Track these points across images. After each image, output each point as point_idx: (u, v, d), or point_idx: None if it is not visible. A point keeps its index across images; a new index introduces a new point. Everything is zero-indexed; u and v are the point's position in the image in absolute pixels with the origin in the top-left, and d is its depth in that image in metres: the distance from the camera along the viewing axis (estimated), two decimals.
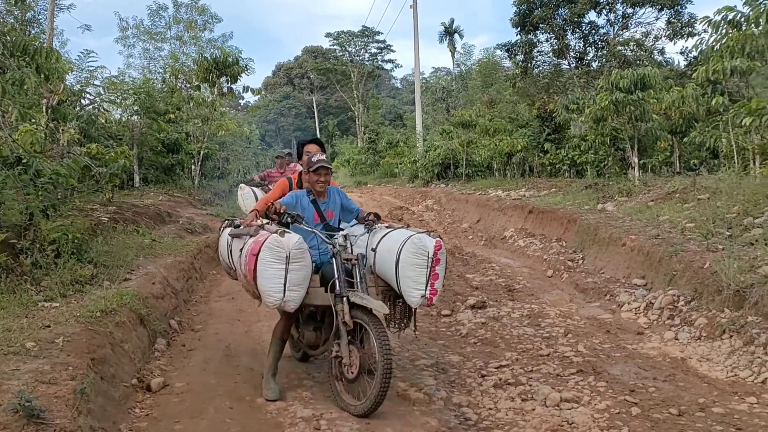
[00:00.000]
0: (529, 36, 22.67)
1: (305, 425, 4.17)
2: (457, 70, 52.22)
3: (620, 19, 22.62)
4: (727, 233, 7.84)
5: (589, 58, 23.29)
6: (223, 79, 17.20)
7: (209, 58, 16.80)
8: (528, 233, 13.21)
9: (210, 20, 24.24)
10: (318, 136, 62.72)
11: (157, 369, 5.30)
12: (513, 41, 23.37)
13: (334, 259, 4.57)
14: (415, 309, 4.93)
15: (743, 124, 9.52)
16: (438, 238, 4.67)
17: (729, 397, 4.58)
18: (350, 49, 56.21)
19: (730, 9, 9.14)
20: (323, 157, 5.03)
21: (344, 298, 4.40)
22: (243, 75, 17.38)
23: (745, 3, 8.92)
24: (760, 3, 8.45)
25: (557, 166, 19.78)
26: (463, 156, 23.92)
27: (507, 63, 29.94)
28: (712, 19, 9.42)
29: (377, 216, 5.21)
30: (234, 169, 22.40)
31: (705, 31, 10.62)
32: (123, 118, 16.93)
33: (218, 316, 7.55)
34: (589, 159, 17.82)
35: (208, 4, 38.35)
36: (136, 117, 16.40)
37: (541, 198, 15.86)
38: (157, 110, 16.92)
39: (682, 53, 23.58)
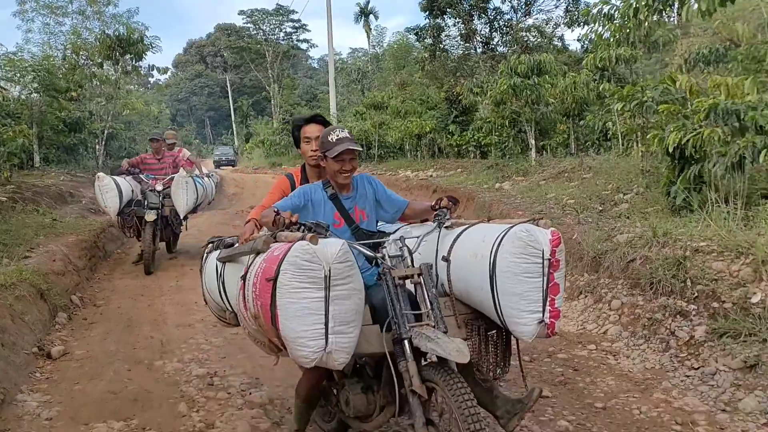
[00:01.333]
0: (438, 20, 23.33)
1: (199, 381, 4.55)
2: (372, 52, 52.64)
3: (523, 6, 23.63)
4: (600, 208, 8.67)
5: (494, 42, 24.24)
6: (128, 56, 16.84)
7: (112, 35, 16.39)
8: None
9: None
10: (232, 115, 61.91)
11: (58, 340, 5.50)
12: (422, 25, 24.02)
13: (383, 282, 2.91)
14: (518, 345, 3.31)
15: (616, 109, 10.38)
16: (552, 228, 3.02)
17: (574, 346, 5.29)
18: (264, 27, 55.55)
19: (606, 2, 9.95)
20: (347, 133, 3.35)
21: (408, 345, 2.77)
22: (149, 53, 17.08)
23: None
24: None
25: (464, 147, 20.59)
26: (375, 137, 24.42)
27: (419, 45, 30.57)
28: (591, 12, 10.21)
29: (454, 201, 3.44)
30: (141, 149, 21.89)
31: (590, 22, 11.41)
32: (22, 96, 16.32)
33: (121, 292, 7.70)
34: (493, 141, 18.68)
35: None
36: (35, 95, 15.85)
37: (447, 178, 16.58)
38: (57, 88, 16.38)
39: (579, 41, 24.91)
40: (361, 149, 3.45)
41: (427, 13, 23.19)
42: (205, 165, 36.66)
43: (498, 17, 23.78)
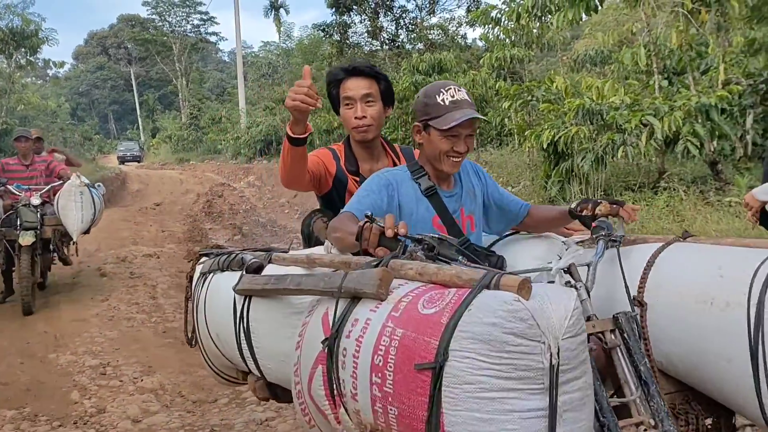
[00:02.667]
0: (344, 17, 23.65)
1: (92, 372, 4.71)
2: (283, 46, 52.36)
3: (427, 5, 24.30)
4: None
5: (401, 40, 24.78)
6: (22, 50, 16.23)
7: (4, 28, 15.75)
8: None
9: None
10: (138, 110, 59.97)
11: None
12: (329, 21, 24.26)
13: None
14: None
15: (503, 106, 11.08)
16: None
17: None
18: (170, 19, 53.95)
19: (493, 7, 10.64)
20: (465, 93, 2.16)
21: None
22: (44, 46, 16.51)
23: (503, 2, 10.43)
24: (514, 3, 9.97)
25: None
26: (285, 132, 24.50)
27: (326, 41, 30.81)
28: (479, 16, 10.86)
29: (619, 204, 2.18)
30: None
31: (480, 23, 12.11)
32: None
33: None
34: (399, 136, 19.24)
35: None
36: None
37: None
38: None
39: (480, 39, 25.90)
40: (484, 118, 2.35)
41: (333, 9, 23.46)
42: (108, 161, 35.36)
43: (404, 15, 24.34)
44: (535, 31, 12.68)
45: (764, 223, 3.17)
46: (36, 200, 6.62)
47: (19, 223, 6.42)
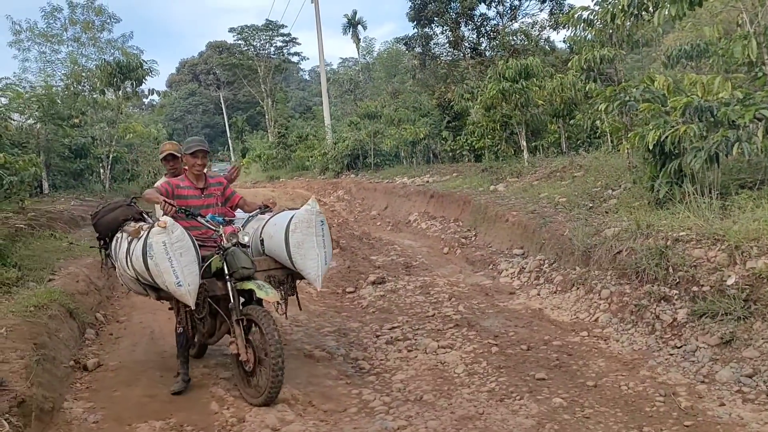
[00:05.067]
0: (425, 29, 23.86)
1: (226, 383, 4.98)
2: (363, 61, 53.20)
3: (509, 11, 24.17)
4: (589, 205, 9.11)
5: (482, 48, 24.72)
6: (129, 82, 17.33)
7: (112, 62, 16.87)
8: (430, 216, 14.30)
9: (108, 20, 23.87)
10: (227, 131, 62.39)
11: (91, 353, 5.92)
12: (411, 35, 24.53)
13: None
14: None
15: (600, 109, 10.84)
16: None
17: (568, 334, 5.74)
18: (255, 43, 56.01)
19: (585, 8, 10.45)
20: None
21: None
22: (148, 77, 17.56)
23: (596, 3, 10.23)
24: (608, 4, 9.75)
25: (458, 151, 21.06)
26: (371, 146, 24.91)
27: (408, 54, 31.09)
28: (572, 17, 10.70)
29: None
30: (144, 170, 22.35)
31: (572, 24, 11.90)
32: (24, 126, 16.80)
33: (140, 309, 8.10)
34: (486, 144, 19.14)
35: (105, 3, 37.40)
36: (39, 124, 16.32)
37: (442, 183, 17.02)
38: (61, 116, 16.88)
39: (564, 42, 25.43)
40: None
41: (414, 22, 23.71)
42: None
43: (484, 23, 24.30)
44: (624, 29, 12.38)
45: None
46: (245, 238, 4.87)
47: (229, 271, 4.65)
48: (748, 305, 4.82)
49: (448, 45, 24.91)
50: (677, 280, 5.52)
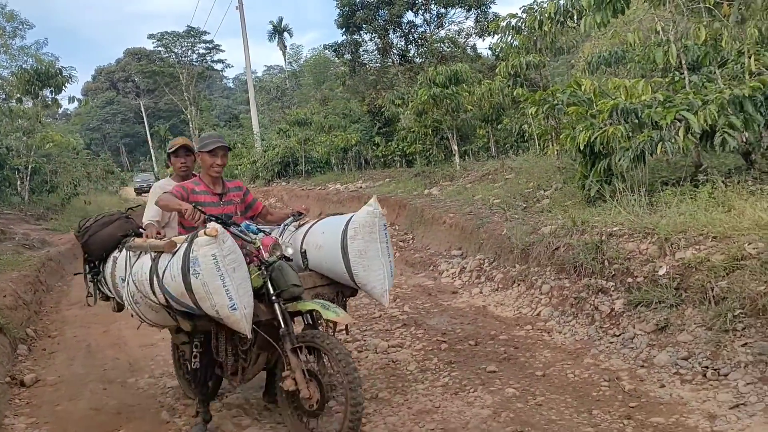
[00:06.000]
0: (354, 36, 24.00)
1: (174, 392, 4.89)
2: (290, 69, 52.91)
3: (435, 19, 24.61)
4: (523, 205, 9.42)
5: (411, 54, 25.06)
6: (47, 90, 16.61)
7: (30, 69, 16.13)
8: None
9: (21, 27, 22.78)
10: (149, 141, 60.62)
11: (26, 369, 5.68)
12: (339, 41, 24.62)
13: None
14: None
15: (529, 113, 11.24)
16: None
17: (513, 328, 5.94)
18: (176, 50, 54.64)
19: (513, 15, 10.81)
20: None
21: None
22: (67, 84, 16.88)
23: (523, 11, 10.62)
24: (535, 12, 10.16)
25: (390, 157, 21.27)
26: (301, 153, 24.82)
27: (337, 61, 31.18)
28: (500, 25, 11.05)
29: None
30: (63, 181, 21.42)
31: (500, 32, 12.29)
32: None
33: (72, 323, 7.82)
34: (417, 149, 19.43)
35: (17, 9, 35.66)
36: None
37: (376, 188, 17.15)
38: None
39: (490, 49, 26.13)
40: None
41: (343, 29, 23.81)
42: (125, 192, 35.63)
43: (412, 30, 24.65)
44: (549, 36, 12.89)
45: None
46: (289, 250, 4.02)
47: (275, 290, 3.78)
48: (679, 293, 5.12)
49: (377, 52, 25.14)
50: (613, 273, 5.80)
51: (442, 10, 24.50)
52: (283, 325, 3.69)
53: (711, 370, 4.35)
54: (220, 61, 66.23)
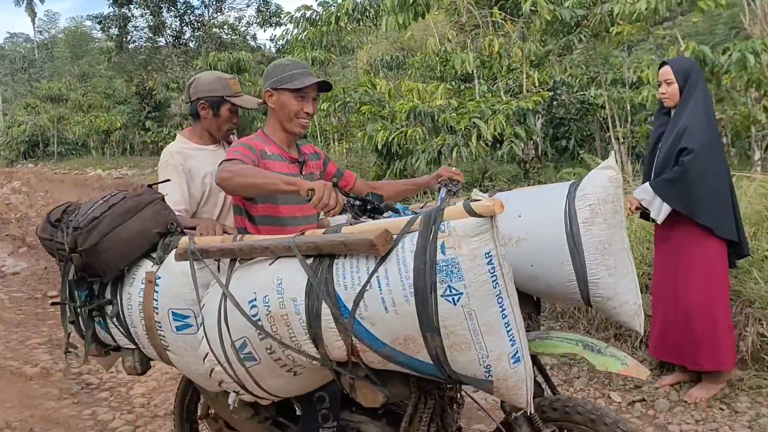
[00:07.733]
0: (123, 9, 21.90)
1: None
2: (40, 38, 46.93)
3: (214, 2, 23.48)
4: None
5: (186, 37, 23.61)
6: None
7: None
8: None
9: None
10: None
11: None
12: (105, 13, 22.29)
13: None
14: None
15: (321, 108, 11.08)
16: None
17: None
18: None
19: (308, 8, 10.55)
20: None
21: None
22: None
23: (319, 4, 10.40)
24: (330, 5, 9.99)
25: (161, 144, 19.79)
26: (53, 133, 22.10)
27: (100, 34, 28.30)
28: (293, 15, 10.72)
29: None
30: None
31: (289, 23, 11.94)
32: None
33: None
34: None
35: None
36: None
37: (145, 176, 15.79)
38: None
39: (271, 40, 25.69)
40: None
41: (111, 1, 21.58)
42: None
43: (189, 11, 23.21)
44: (341, 33, 12.89)
45: (644, 217, 3.65)
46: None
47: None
48: None
49: (148, 30, 23.22)
50: None
51: None
52: None
53: None
54: None
